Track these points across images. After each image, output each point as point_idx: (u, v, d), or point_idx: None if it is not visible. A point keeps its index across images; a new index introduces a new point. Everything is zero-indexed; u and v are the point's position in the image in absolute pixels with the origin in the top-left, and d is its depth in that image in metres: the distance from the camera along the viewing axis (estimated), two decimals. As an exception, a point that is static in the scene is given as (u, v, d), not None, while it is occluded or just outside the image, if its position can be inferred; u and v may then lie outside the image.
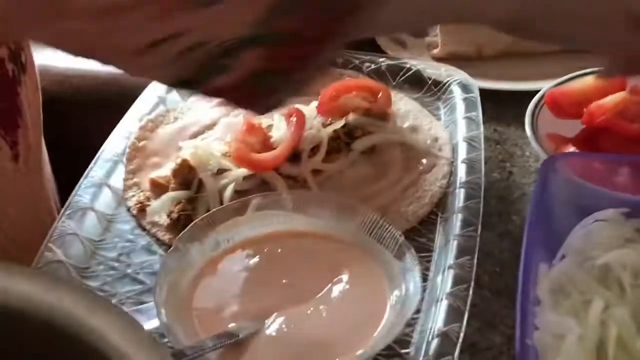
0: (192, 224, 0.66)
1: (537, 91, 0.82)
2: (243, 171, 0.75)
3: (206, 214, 0.67)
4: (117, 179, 0.78)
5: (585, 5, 0.54)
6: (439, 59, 0.93)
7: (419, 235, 0.71)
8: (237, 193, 0.74)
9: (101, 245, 0.72)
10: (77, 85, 0.97)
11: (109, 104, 0.97)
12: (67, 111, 1.00)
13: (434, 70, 0.88)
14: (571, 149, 0.75)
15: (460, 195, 0.73)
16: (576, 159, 0.68)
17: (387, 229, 0.65)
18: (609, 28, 0.55)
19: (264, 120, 0.81)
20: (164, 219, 0.74)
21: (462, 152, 0.78)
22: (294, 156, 0.78)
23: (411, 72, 0.88)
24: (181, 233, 0.65)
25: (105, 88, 0.97)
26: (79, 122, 1.01)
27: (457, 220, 0.70)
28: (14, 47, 0.76)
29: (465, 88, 0.85)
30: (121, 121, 0.83)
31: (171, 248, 0.64)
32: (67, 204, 0.74)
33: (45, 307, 0.40)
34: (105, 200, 0.76)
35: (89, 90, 0.97)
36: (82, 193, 0.75)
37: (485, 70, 0.90)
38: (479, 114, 0.81)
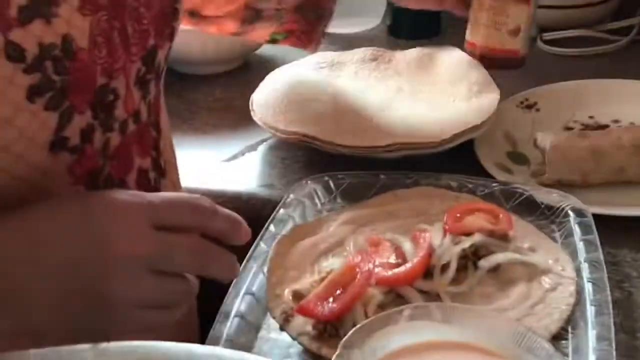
0: (353, 330, 0.71)
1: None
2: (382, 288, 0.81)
3: (364, 322, 0.71)
4: (260, 290, 0.84)
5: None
6: (545, 185, 0.98)
7: (553, 350, 0.76)
8: (378, 307, 0.79)
9: (252, 352, 0.77)
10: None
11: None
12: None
13: (545, 195, 0.94)
14: (694, 270, 0.79)
15: (590, 312, 0.78)
16: None
17: (535, 340, 0.69)
18: None
19: (387, 237, 0.88)
20: (309, 329, 0.79)
21: (586, 273, 0.83)
22: (426, 273, 0.83)
23: (523, 196, 0.94)
24: (343, 339, 0.70)
25: (232, 206, 1.03)
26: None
27: (591, 335, 0.75)
28: (156, 154, 0.82)
29: (578, 212, 0.90)
30: (259, 236, 0.89)
31: (337, 353, 0.69)
32: (220, 312, 0.79)
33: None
34: (251, 310, 0.81)
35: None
36: (230, 302, 0.80)
37: (591, 197, 0.96)
38: (596, 237, 0.86)
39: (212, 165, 1.10)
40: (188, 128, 1.18)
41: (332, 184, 0.98)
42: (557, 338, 0.78)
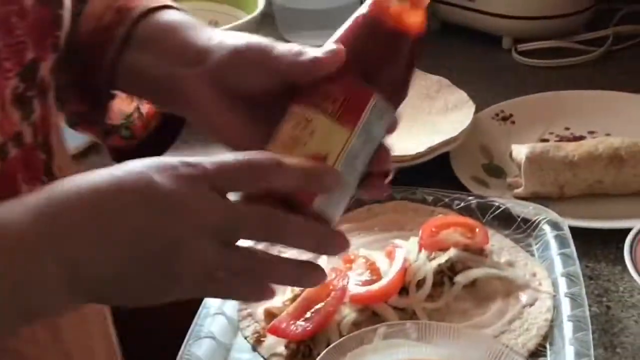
0: (325, 351, 0.69)
1: (623, 229, 0.87)
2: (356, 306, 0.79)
3: (337, 342, 0.70)
4: (231, 309, 0.82)
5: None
6: (521, 198, 0.97)
7: (531, 367, 0.74)
8: (353, 325, 0.77)
9: (223, 374, 0.75)
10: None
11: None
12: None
13: (521, 208, 0.92)
14: (672, 284, 0.78)
15: (568, 328, 0.76)
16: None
17: (512, 358, 0.68)
18: None
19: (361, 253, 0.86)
20: (281, 349, 0.77)
21: (563, 287, 0.81)
22: (401, 289, 0.82)
23: (500, 210, 0.93)
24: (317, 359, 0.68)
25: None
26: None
27: (569, 352, 0.73)
28: (48, 179, 0.72)
29: (555, 225, 0.89)
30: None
31: (309, 374, 0.67)
32: (189, 332, 0.77)
33: None
34: (222, 330, 0.79)
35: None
36: (201, 322, 0.78)
37: (568, 209, 0.95)
38: (573, 250, 0.85)
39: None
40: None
41: (305, 200, 0.96)
42: (535, 355, 0.76)
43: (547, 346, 0.77)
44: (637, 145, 0.96)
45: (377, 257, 0.85)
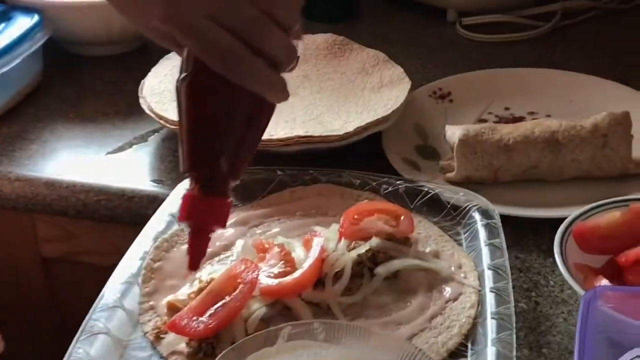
0: (222, 354, 0.63)
1: (556, 218, 0.82)
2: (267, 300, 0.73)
3: (236, 344, 0.64)
4: (132, 301, 0.75)
5: None
6: (453, 183, 0.91)
7: (450, 368, 0.69)
8: (262, 321, 0.72)
9: (117, 373, 0.69)
10: (84, 200, 0.95)
11: (119, 220, 0.94)
12: (75, 225, 0.97)
13: (451, 194, 0.87)
14: (603, 280, 0.73)
15: (491, 326, 0.71)
16: (617, 293, 0.67)
17: (425, 362, 0.63)
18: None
19: (277, 241, 0.80)
20: (183, 346, 0.71)
21: (489, 281, 0.76)
22: (317, 281, 0.76)
23: (429, 195, 0.87)
24: (211, 364, 0.62)
25: (114, 204, 0.94)
26: (89, 238, 0.98)
27: (491, 353, 0.68)
28: None
29: (485, 213, 0.84)
30: (135, 240, 0.81)
31: (202, 380, 0.61)
32: (81, 328, 0.70)
33: None
34: (120, 325, 0.73)
35: (97, 206, 0.94)
36: (97, 316, 0.72)
37: (501, 195, 0.89)
38: (502, 241, 0.80)
39: (98, 157, 1.00)
40: (74, 116, 1.08)
41: (223, 181, 0.89)
42: (456, 355, 0.71)
43: (469, 345, 0.72)
44: (576, 129, 0.91)
45: (294, 245, 0.79)
